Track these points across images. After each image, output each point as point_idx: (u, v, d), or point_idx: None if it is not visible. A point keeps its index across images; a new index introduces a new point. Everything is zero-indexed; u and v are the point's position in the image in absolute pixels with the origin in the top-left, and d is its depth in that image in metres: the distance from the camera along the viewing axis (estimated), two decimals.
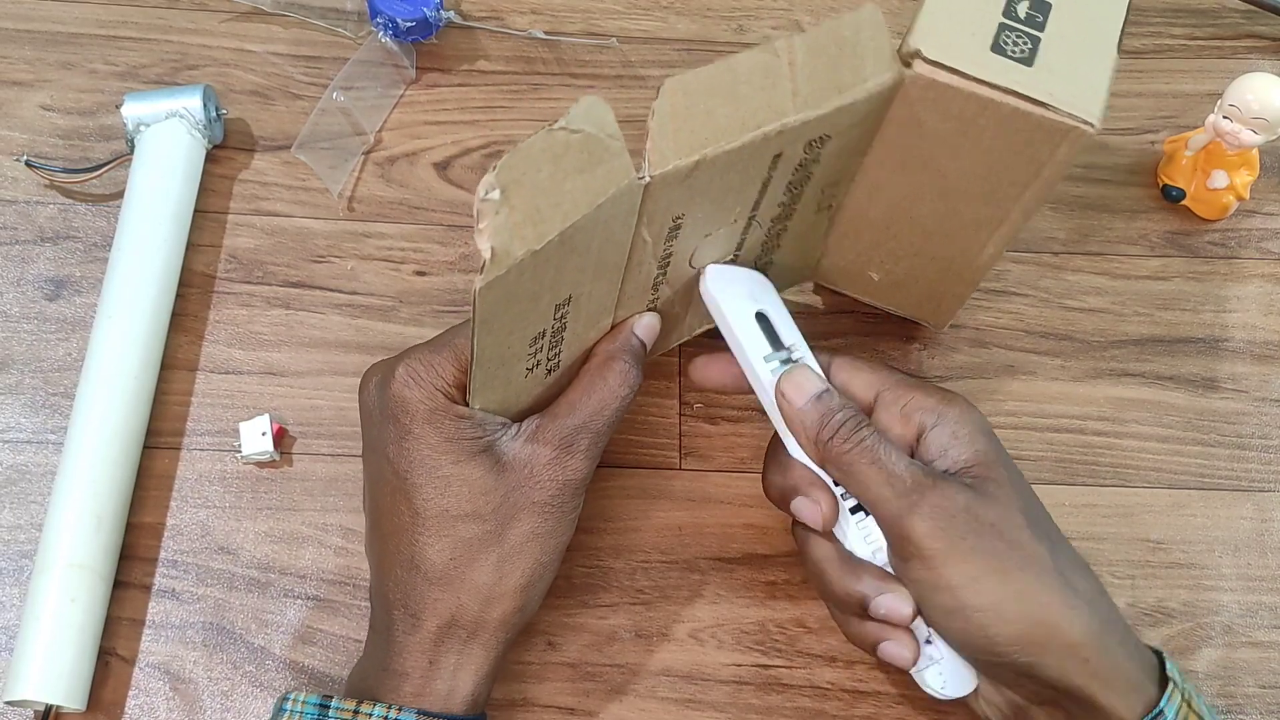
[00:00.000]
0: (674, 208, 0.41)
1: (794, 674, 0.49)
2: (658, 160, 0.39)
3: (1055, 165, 0.42)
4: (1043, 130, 0.41)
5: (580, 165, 0.37)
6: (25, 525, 0.50)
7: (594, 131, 0.37)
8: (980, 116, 0.41)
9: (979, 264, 0.48)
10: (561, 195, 0.37)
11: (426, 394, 0.42)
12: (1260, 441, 0.54)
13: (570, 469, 0.43)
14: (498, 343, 0.40)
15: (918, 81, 0.41)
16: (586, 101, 0.36)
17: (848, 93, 0.41)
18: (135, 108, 0.55)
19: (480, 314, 0.37)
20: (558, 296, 0.41)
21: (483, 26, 0.62)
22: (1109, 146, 0.60)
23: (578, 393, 0.45)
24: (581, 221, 0.37)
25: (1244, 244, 0.58)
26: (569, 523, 0.44)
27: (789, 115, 0.40)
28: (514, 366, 0.42)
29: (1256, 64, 0.62)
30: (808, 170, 0.44)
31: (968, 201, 0.45)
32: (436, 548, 0.42)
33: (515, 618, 0.43)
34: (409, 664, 0.42)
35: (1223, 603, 0.51)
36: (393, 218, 0.57)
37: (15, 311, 0.54)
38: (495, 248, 0.35)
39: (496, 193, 0.35)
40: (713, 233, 0.45)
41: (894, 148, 0.44)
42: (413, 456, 0.42)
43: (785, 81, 0.40)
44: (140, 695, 0.48)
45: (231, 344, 0.54)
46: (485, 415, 0.43)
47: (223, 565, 0.50)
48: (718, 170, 0.40)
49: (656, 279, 0.45)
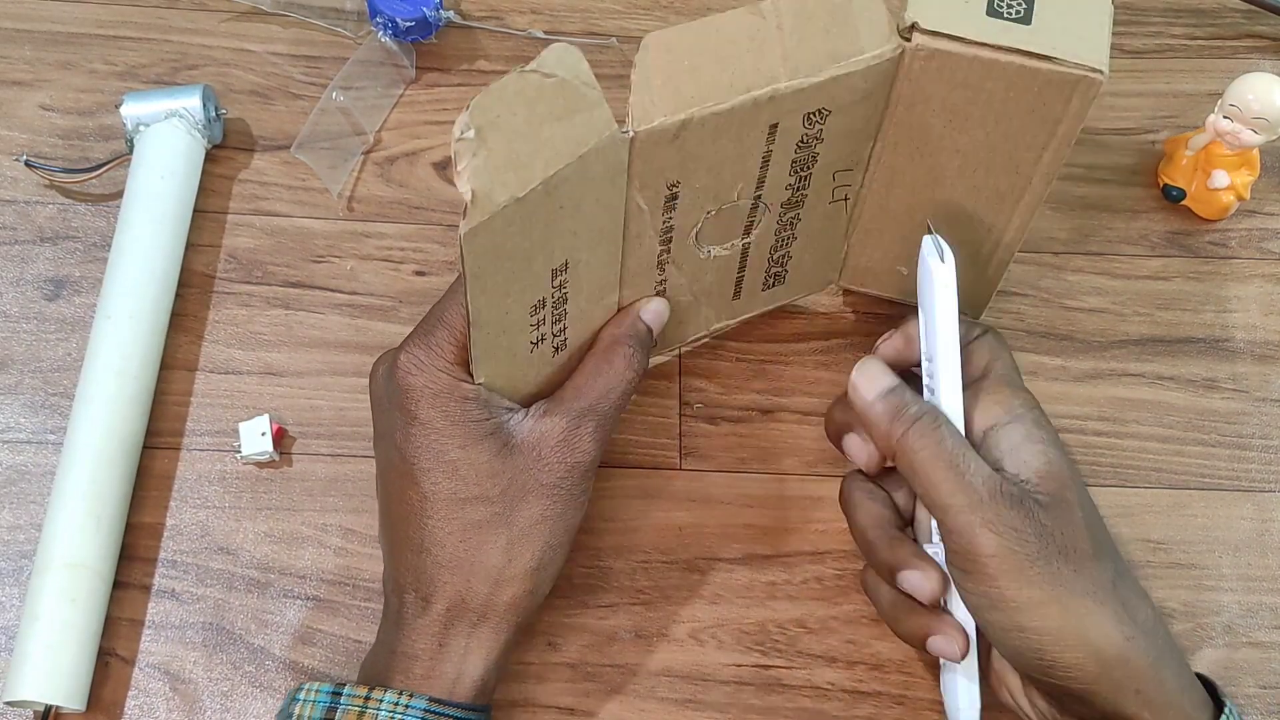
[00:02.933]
0: (667, 173, 0.41)
1: (794, 674, 0.49)
2: (641, 115, 0.38)
3: (1070, 120, 0.42)
4: (1052, 85, 0.41)
5: (557, 112, 0.36)
6: (25, 525, 0.50)
7: (568, 77, 0.36)
8: (987, 80, 0.41)
9: (1006, 241, 0.48)
10: (540, 141, 0.36)
11: (430, 378, 0.42)
12: (1261, 441, 0.54)
13: (578, 451, 0.43)
14: (494, 304, 0.40)
15: (919, 54, 0.41)
16: (558, 48, 0.36)
17: (843, 63, 0.41)
18: (135, 108, 0.55)
19: (470, 266, 0.37)
20: (553, 260, 0.40)
21: (482, 26, 0.62)
22: (1109, 146, 0.60)
23: (583, 377, 0.45)
24: (565, 172, 0.37)
25: (1244, 244, 0.58)
26: (578, 506, 0.44)
27: (780, 81, 0.40)
28: (516, 338, 0.42)
29: (1257, 64, 0.62)
30: (812, 149, 0.44)
31: (988, 174, 0.45)
32: (445, 531, 0.43)
33: (525, 601, 0.43)
34: (418, 646, 0.42)
35: (1223, 603, 0.51)
36: (392, 218, 0.57)
37: (15, 311, 0.54)
38: (476, 190, 0.35)
39: (471, 132, 0.35)
40: (715, 210, 0.45)
41: (905, 129, 0.44)
42: (419, 442, 0.42)
43: (774, 45, 0.39)
44: (140, 695, 0.48)
45: (231, 344, 0.54)
46: (492, 396, 0.43)
47: (222, 565, 0.50)
48: (708, 134, 0.40)
49: (660, 256, 0.45)
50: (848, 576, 0.50)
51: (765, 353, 0.55)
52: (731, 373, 0.54)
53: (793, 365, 0.54)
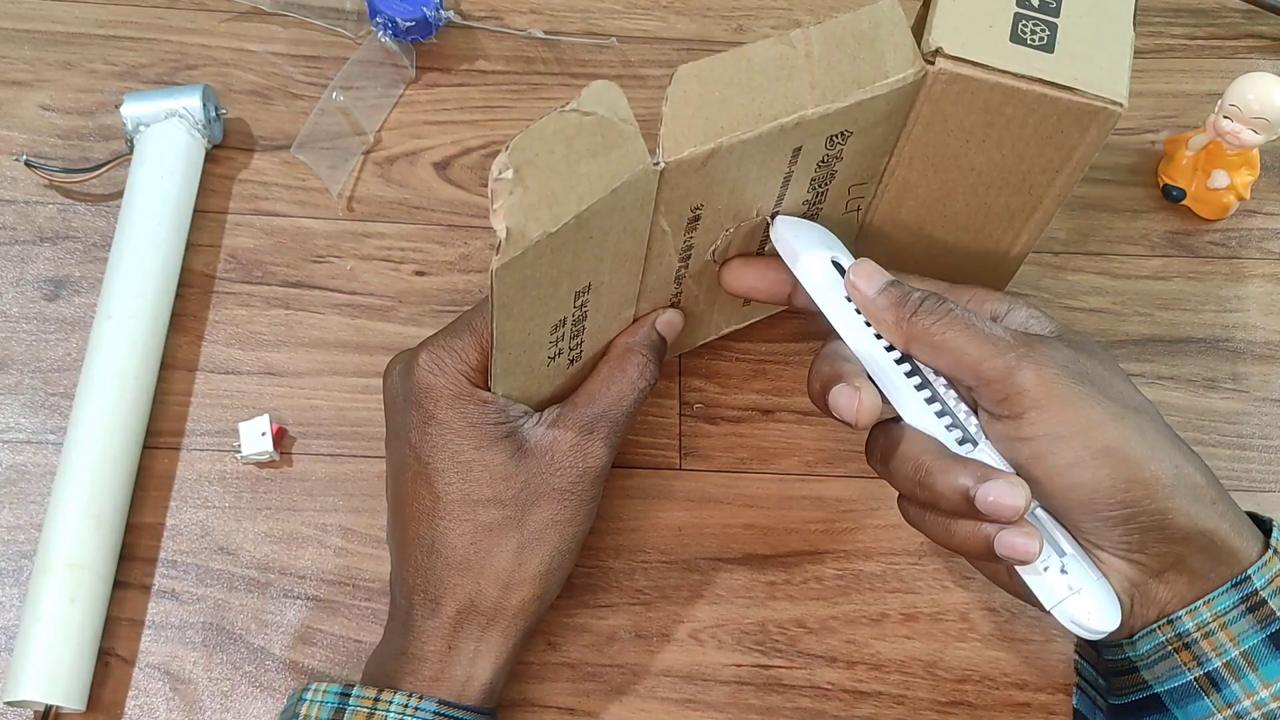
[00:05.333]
0: (692, 197, 0.41)
1: (794, 674, 0.49)
2: (672, 147, 0.39)
3: (1086, 148, 0.42)
4: (1071, 114, 0.41)
5: (593, 148, 0.37)
6: (25, 525, 0.50)
7: (606, 115, 0.37)
8: (1007, 106, 0.42)
9: (1014, 254, 0.48)
10: (576, 178, 0.37)
11: (450, 379, 0.43)
12: (1261, 441, 0.54)
13: (590, 456, 0.44)
14: (518, 328, 0.40)
15: (942, 77, 0.41)
16: (598, 85, 0.37)
17: (868, 87, 0.41)
18: (135, 108, 0.55)
19: (499, 297, 0.37)
20: (577, 284, 0.41)
21: (482, 26, 0.62)
22: (1109, 146, 0.60)
23: (597, 383, 0.45)
24: (597, 205, 0.37)
25: (1244, 244, 0.58)
26: (588, 512, 0.45)
27: (807, 108, 0.40)
28: (536, 354, 0.42)
29: (1257, 64, 0.62)
30: (831, 168, 0.44)
31: (999, 193, 0.45)
32: (457, 532, 0.43)
33: (534, 605, 0.44)
34: (428, 648, 0.43)
35: None
36: (392, 218, 0.57)
37: (15, 311, 0.54)
38: (511, 228, 0.35)
39: (510, 172, 0.35)
40: (734, 227, 0.45)
41: (922, 146, 0.44)
42: (435, 442, 0.43)
43: (803, 73, 0.40)
44: (140, 695, 0.48)
45: (231, 344, 0.54)
46: (507, 402, 0.43)
47: (222, 565, 0.50)
48: (735, 160, 0.40)
49: (679, 272, 0.45)
50: (848, 576, 0.50)
51: (765, 353, 0.55)
52: (731, 373, 0.54)
53: (793, 365, 0.54)
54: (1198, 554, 0.40)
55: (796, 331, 0.55)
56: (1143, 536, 0.40)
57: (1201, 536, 0.40)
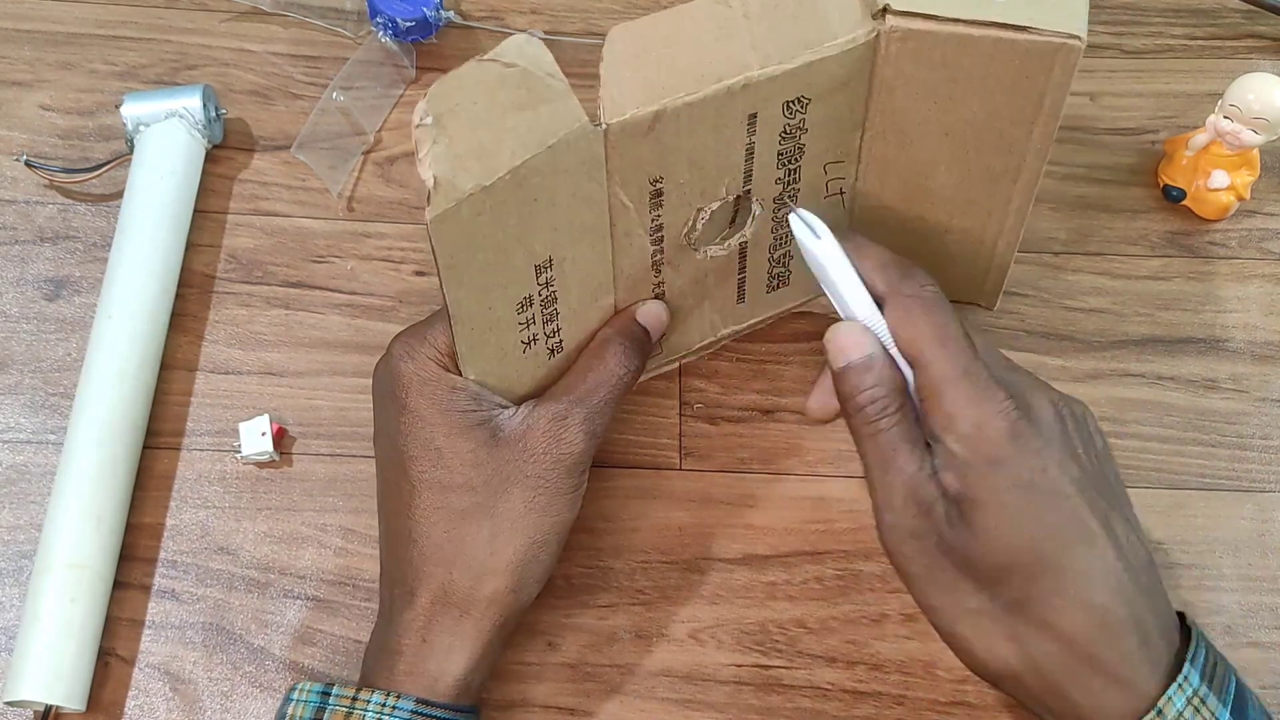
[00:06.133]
0: (647, 167, 0.41)
1: (794, 674, 0.49)
2: (612, 108, 0.38)
3: (1054, 91, 0.42)
4: (1032, 55, 0.41)
5: (519, 102, 0.37)
6: (25, 525, 0.50)
7: (529, 67, 0.37)
8: (965, 57, 0.41)
9: (1009, 224, 0.48)
10: (504, 131, 0.36)
11: (419, 365, 0.43)
12: (1261, 442, 0.54)
13: (565, 443, 0.43)
14: (474, 298, 0.40)
15: (894, 35, 0.41)
16: (518, 38, 0.37)
17: (816, 48, 0.40)
18: (135, 108, 0.55)
19: (441, 256, 0.37)
20: (535, 256, 0.41)
21: (482, 26, 0.62)
22: (1109, 146, 0.60)
23: (574, 373, 0.45)
24: (534, 163, 0.37)
25: (1244, 244, 0.58)
26: (566, 503, 0.44)
27: (752, 68, 0.40)
28: (505, 336, 0.42)
29: (1257, 64, 0.62)
30: (797, 140, 0.43)
31: (979, 154, 0.45)
32: (431, 520, 0.43)
33: (508, 597, 0.43)
34: (404, 642, 0.42)
35: (1223, 603, 0.50)
36: (392, 218, 0.57)
37: (15, 311, 0.54)
38: (439, 177, 0.35)
39: (430, 119, 0.35)
40: (705, 207, 0.45)
41: (890, 116, 0.44)
42: (408, 431, 0.43)
43: (743, 34, 0.39)
44: (140, 696, 0.48)
45: (231, 344, 0.54)
46: (483, 390, 0.43)
47: (222, 565, 0.50)
48: (685, 126, 0.40)
49: (655, 257, 0.45)
50: (848, 576, 0.50)
51: (765, 353, 0.55)
52: (731, 373, 0.54)
53: (793, 365, 0.54)
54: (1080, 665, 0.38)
55: (796, 331, 0.55)
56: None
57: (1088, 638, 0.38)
